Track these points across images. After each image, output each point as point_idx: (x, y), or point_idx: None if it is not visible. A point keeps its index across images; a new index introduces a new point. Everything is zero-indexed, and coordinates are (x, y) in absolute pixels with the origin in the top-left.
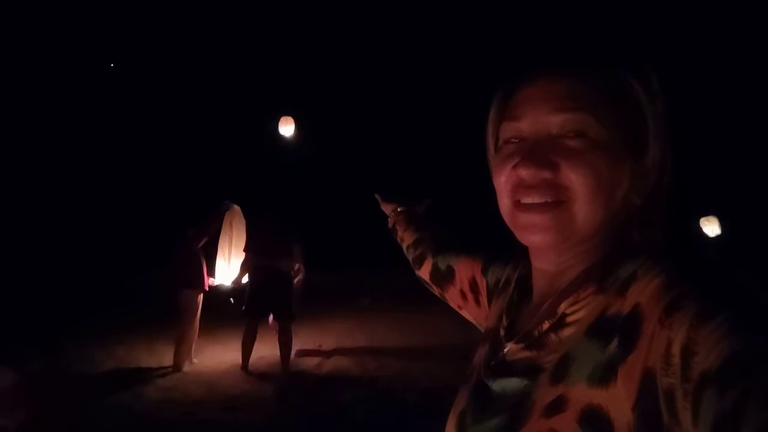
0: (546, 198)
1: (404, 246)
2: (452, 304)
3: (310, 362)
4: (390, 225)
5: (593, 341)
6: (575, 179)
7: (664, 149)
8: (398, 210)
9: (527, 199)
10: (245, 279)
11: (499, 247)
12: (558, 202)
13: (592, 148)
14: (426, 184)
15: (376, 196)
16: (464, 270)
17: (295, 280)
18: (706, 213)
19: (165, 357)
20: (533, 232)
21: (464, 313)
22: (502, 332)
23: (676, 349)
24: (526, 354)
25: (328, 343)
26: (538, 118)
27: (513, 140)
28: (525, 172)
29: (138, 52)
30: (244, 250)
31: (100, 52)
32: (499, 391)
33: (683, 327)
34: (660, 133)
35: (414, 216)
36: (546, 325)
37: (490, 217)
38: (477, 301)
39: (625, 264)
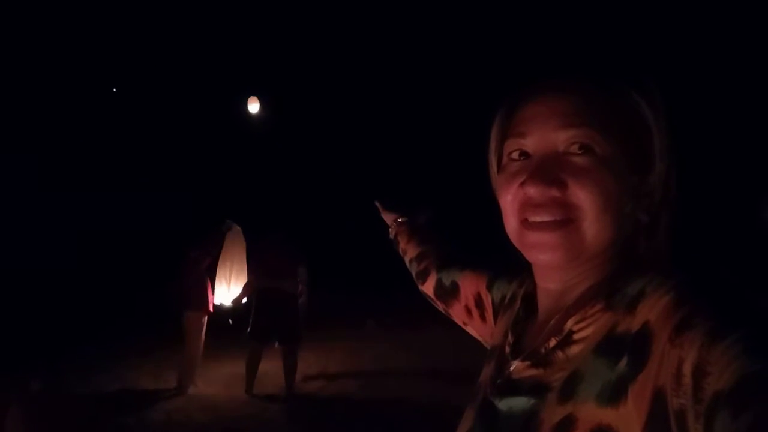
0: (555, 216)
1: (407, 259)
2: (457, 321)
3: (315, 385)
4: (391, 236)
5: (602, 359)
6: (584, 197)
7: (669, 165)
8: (399, 220)
9: (535, 218)
10: (245, 300)
11: (503, 260)
12: (567, 220)
13: (599, 164)
14: (426, 190)
15: (376, 203)
16: (469, 286)
17: (300, 301)
18: None
19: (169, 379)
20: (542, 251)
21: (469, 330)
22: (507, 350)
23: (687, 369)
24: (533, 372)
25: (332, 365)
26: (543, 135)
27: (518, 158)
28: (533, 190)
29: (135, 71)
30: (248, 272)
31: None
32: (506, 410)
33: (695, 346)
34: (665, 149)
35: (416, 227)
36: (553, 343)
37: (492, 228)
38: (482, 318)
39: (633, 281)
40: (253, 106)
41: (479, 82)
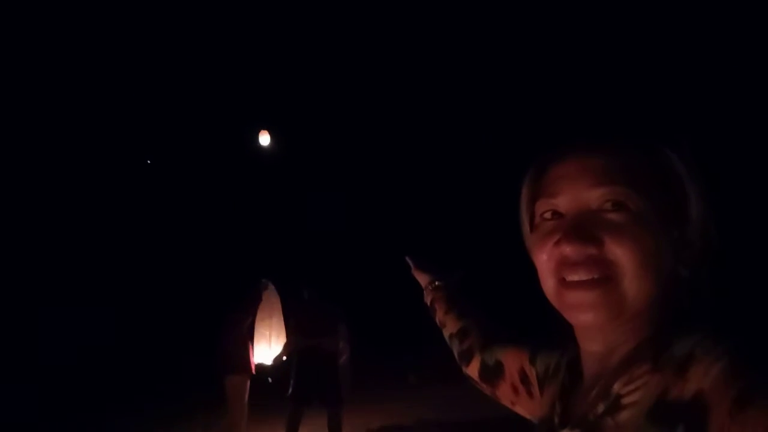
0: (593, 274)
1: (446, 333)
2: (505, 402)
3: None
4: (427, 301)
5: (656, 428)
6: (621, 254)
7: (706, 218)
8: (436, 284)
9: (573, 277)
10: (285, 358)
11: (543, 329)
12: (606, 278)
13: (634, 220)
14: (452, 245)
15: (408, 259)
16: (513, 362)
17: (341, 360)
18: None
19: None
20: (583, 311)
21: (518, 410)
22: (556, 420)
23: None
24: None
25: (375, 425)
26: (575, 193)
27: (551, 217)
28: (569, 249)
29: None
30: (287, 331)
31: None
32: None
33: (759, 428)
34: (701, 202)
35: (453, 295)
36: (601, 408)
37: (526, 289)
38: (529, 393)
39: (679, 340)
40: (265, 140)
41: (508, 139)
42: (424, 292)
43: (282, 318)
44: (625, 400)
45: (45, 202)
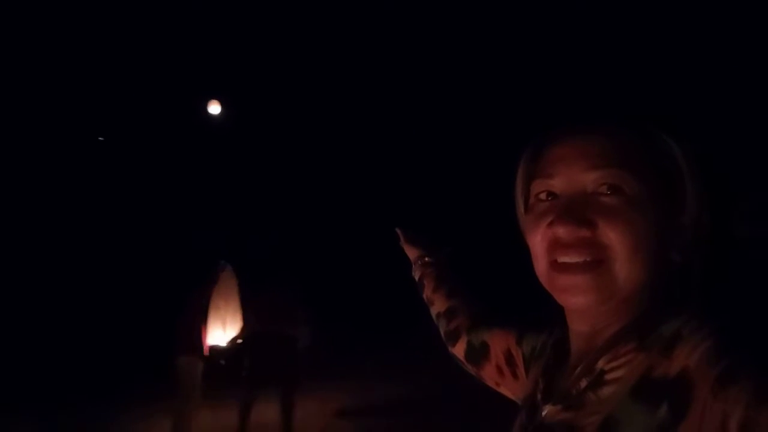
0: (584, 257)
1: (433, 312)
2: (490, 383)
3: (314, 429)
4: (415, 276)
5: (639, 404)
6: (614, 237)
7: (701, 205)
8: (425, 260)
9: (564, 258)
10: (240, 341)
11: (531, 305)
12: (597, 261)
13: (629, 204)
14: (436, 217)
15: (398, 231)
16: (499, 344)
17: (300, 345)
18: None
19: (162, 429)
20: (574, 294)
21: (503, 390)
22: (539, 396)
23: (733, 426)
24: (565, 415)
25: (330, 409)
26: (571, 175)
27: (545, 198)
28: (562, 230)
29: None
30: (244, 313)
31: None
32: None
33: (740, 404)
34: (697, 189)
35: (442, 272)
36: (584, 383)
37: (513, 266)
38: (514, 375)
39: (667, 321)
40: (215, 109)
41: (497, 117)
42: (413, 266)
43: (238, 300)
44: (609, 376)
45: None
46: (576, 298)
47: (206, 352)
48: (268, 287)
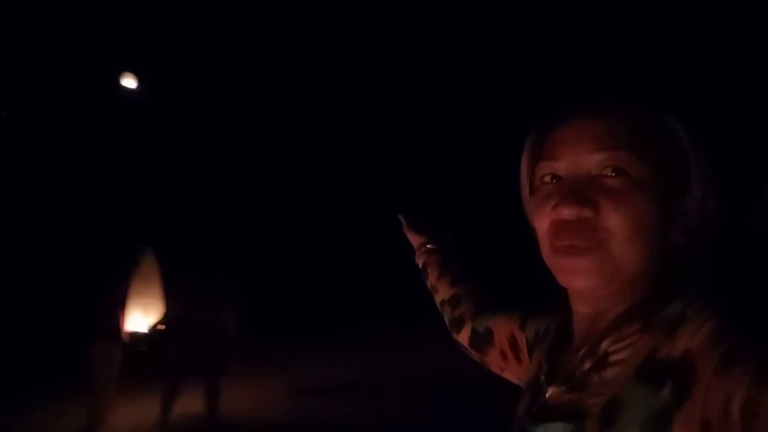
0: (588, 239)
1: (437, 299)
2: (494, 368)
3: (240, 418)
4: (419, 263)
5: (643, 385)
6: (617, 219)
7: (706, 188)
8: (428, 247)
9: (567, 241)
10: (162, 327)
11: (534, 288)
12: (600, 243)
13: (633, 186)
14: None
15: (400, 217)
16: (502, 329)
17: (227, 332)
18: None
19: (78, 421)
20: (576, 276)
21: (507, 375)
22: (542, 378)
23: (735, 406)
24: (569, 397)
25: (257, 396)
26: (576, 158)
27: (550, 181)
28: (566, 212)
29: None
30: (167, 299)
31: None
32: None
33: (743, 385)
34: (702, 172)
35: (445, 259)
36: (587, 365)
37: (514, 251)
38: (518, 359)
39: (671, 302)
40: (130, 83)
41: (496, 101)
42: (416, 253)
43: (161, 286)
44: (613, 358)
45: None
46: (579, 280)
47: (126, 338)
48: (195, 273)
